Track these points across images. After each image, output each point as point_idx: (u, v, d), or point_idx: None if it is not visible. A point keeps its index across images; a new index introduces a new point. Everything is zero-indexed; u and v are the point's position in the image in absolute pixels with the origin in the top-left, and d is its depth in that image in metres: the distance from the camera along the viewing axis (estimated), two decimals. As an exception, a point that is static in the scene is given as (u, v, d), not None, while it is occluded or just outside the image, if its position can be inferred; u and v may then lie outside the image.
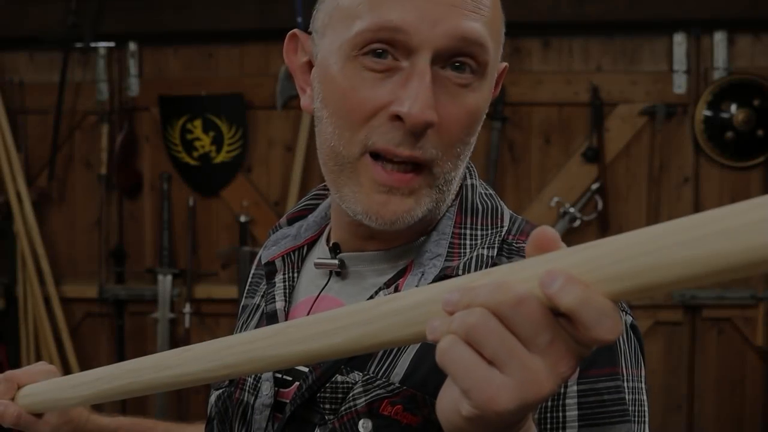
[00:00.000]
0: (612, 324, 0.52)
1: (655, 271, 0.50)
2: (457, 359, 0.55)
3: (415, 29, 0.82)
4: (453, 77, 0.84)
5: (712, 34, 3.60)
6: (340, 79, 0.86)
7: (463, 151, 0.88)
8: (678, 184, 3.66)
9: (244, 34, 3.73)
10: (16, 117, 3.90)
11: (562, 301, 0.52)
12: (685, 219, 0.49)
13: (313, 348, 0.67)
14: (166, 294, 3.82)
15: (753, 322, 3.60)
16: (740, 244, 0.46)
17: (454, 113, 0.85)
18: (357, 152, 0.86)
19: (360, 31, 0.83)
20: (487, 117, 0.94)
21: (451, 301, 0.56)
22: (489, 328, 0.54)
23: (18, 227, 3.77)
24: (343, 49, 0.86)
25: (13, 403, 1.02)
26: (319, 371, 0.89)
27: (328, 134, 0.88)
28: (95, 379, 0.90)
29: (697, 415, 3.68)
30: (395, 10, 0.82)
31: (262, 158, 3.85)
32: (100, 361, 3.98)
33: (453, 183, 0.89)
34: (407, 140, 0.83)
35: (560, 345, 0.54)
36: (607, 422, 0.80)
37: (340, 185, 0.88)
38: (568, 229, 3.64)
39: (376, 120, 0.84)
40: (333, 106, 0.87)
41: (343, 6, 0.86)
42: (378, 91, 0.84)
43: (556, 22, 3.60)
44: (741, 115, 3.58)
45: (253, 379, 0.97)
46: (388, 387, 0.85)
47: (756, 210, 0.46)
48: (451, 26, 0.82)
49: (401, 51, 0.83)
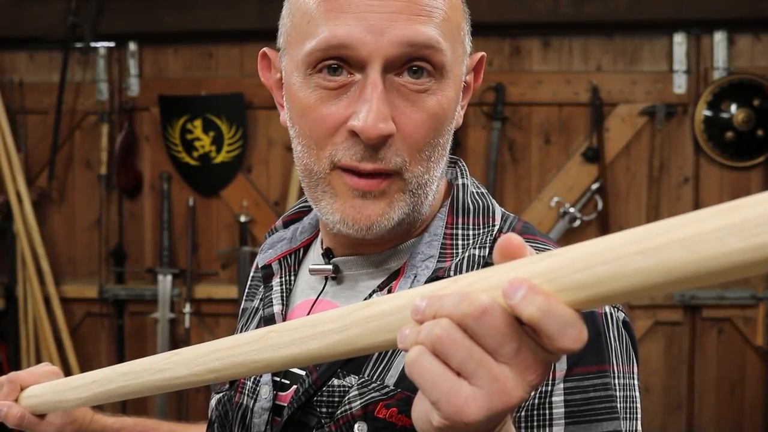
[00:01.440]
0: (576, 333, 0.52)
1: (616, 280, 0.49)
2: (424, 371, 0.55)
3: (361, 42, 0.82)
4: (410, 83, 0.84)
5: (712, 34, 3.60)
6: (300, 98, 0.87)
7: (433, 154, 0.88)
8: (678, 184, 3.66)
9: (244, 34, 3.74)
10: (16, 117, 3.90)
11: (524, 312, 0.51)
12: (646, 227, 0.49)
13: (293, 353, 0.68)
14: (166, 294, 3.82)
15: (753, 322, 3.61)
16: (697, 254, 0.45)
17: (415, 118, 0.85)
18: (326, 167, 0.87)
19: (310, 51, 0.84)
20: (487, 117, 0.94)
21: (418, 310, 0.56)
22: (455, 340, 0.54)
23: (18, 227, 3.77)
24: (299, 69, 0.87)
25: (17, 404, 1.02)
26: (315, 375, 0.89)
27: (299, 152, 0.90)
28: (91, 381, 0.91)
29: (697, 415, 3.68)
30: (341, 26, 0.83)
31: (262, 158, 3.85)
32: (101, 361, 3.99)
33: (429, 186, 0.89)
34: (368, 154, 0.84)
35: (527, 354, 0.54)
36: (593, 419, 0.80)
37: (317, 199, 0.90)
38: (568, 229, 3.64)
39: (337, 136, 0.85)
40: (298, 124, 0.89)
41: (296, 25, 0.88)
42: (335, 108, 0.85)
43: (556, 22, 3.60)
44: (741, 115, 3.58)
45: (252, 382, 0.98)
46: (383, 390, 0.85)
47: (713, 218, 0.45)
48: (398, 34, 0.82)
49: (354, 65, 0.84)
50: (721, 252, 0.45)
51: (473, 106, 3.62)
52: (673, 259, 0.46)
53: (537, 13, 3.56)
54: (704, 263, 0.45)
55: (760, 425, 3.65)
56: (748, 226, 0.44)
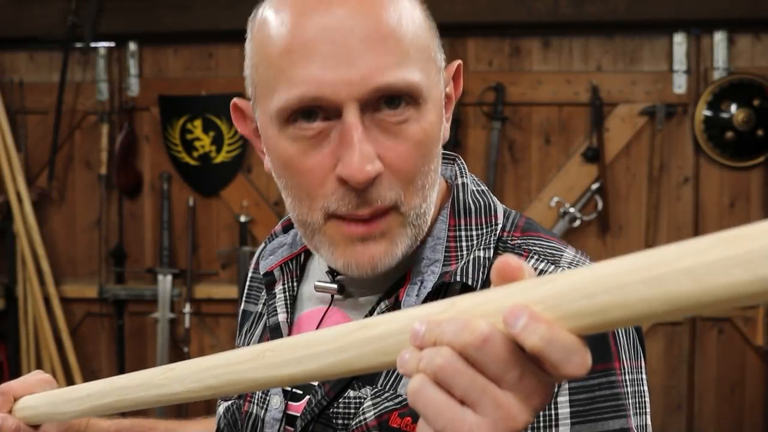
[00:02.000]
0: (580, 360, 0.51)
1: (619, 308, 0.49)
2: (428, 401, 0.54)
3: (334, 92, 0.80)
4: (389, 116, 0.82)
5: (712, 34, 3.60)
6: (280, 151, 0.85)
7: (426, 181, 0.86)
8: (678, 184, 3.66)
9: (244, 34, 3.72)
10: (16, 117, 3.90)
11: (527, 341, 0.51)
12: (649, 254, 0.48)
13: (289, 373, 0.68)
14: (166, 294, 3.82)
15: (753, 322, 3.61)
16: (702, 284, 0.45)
17: (401, 151, 0.83)
18: (321, 218, 0.85)
19: (282, 107, 0.82)
20: (487, 117, 0.94)
21: (417, 335, 0.56)
22: (457, 369, 0.53)
23: (18, 227, 3.77)
24: (273, 123, 0.84)
25: (11, 416, 1.00)
26: (327, 386, 0.89)
27: (290, 203, 0.88)
28: (87, 395, 0.91)
29: (697, 415, 3.68)
30: (309, 82, 0.80)
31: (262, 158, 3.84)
32: (101, 361, 3.99)
33: (428, 214, 0.88)
34: (362, 199, 0.82)
35: (531, 379, 0.53)
36: (599, 418, 0.80)
37: (316, 248, 0.89)
38: (568, 229, 3.64)
39: (327, 187, 0.83)
40: (283, 177, 0.87)
41: (262, 79, 0.86)
42: (319, 157, 0.83)
43: (556, 22, 3.59)
44: (741, 115, 3.58)
45: (262, 392, 0.98)
46: (396, 399, 0.85)
47: (718, 248, 0.45)
48: (369, 85, 0.80)
49: (329, 110, 0.81)
50: (727, 283, 0.44)
51: (473, 106, 3.63)
52: (677, 289, 0.46)
53: (537, 13, 3.56)
54: (709, 293, 0.45)
55: (760, 425, 3.65)
56: (755, 257, 0.43)
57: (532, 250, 0.88)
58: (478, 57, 3.69)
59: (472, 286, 0.85)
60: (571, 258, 0.87)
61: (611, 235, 3.69)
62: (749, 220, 4.00)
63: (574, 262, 0.87)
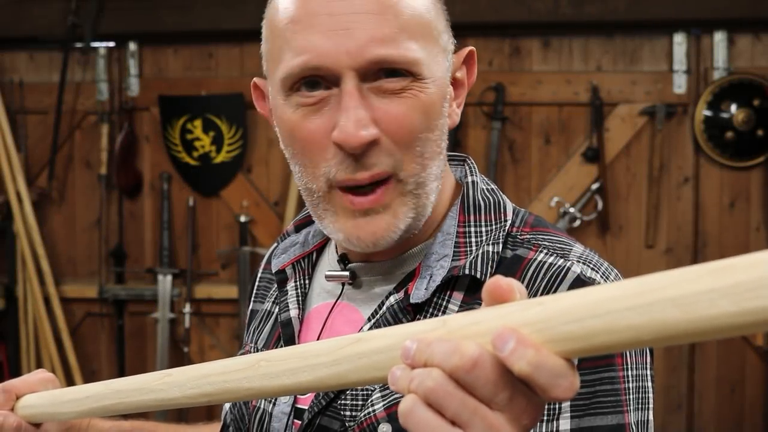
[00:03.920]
0: (568, 384, 0.52)
1: (606, 334, 0.49)
2: (419, 422, 0.55)
3: (333, 61, 0.83)
4: (387, 83, 0.85)
5: (712, 34, 3.60)
6: (285, 119, 0.89)
7: (426, 148, 0.88)
8: (678, 184, 3.66)
9: (244, 34, 3.74)
10: (16, 117, 3.90)
11: (515, 365, 0.52)
12: (638, 281, 0.49)
13: (283, 384, 0.69)
14: (166, 294, 3.82)
15: (753, 322, 3.60)
16: (688, 314, 0.46)
17: (397, 113, 0.85)
18: (324, 186, 0.87)
19: (286, 75, 0.86)
20: (487, 117, 0.94)
21: (408, 354, 0.56)
22: (447, 392, 0.54)
23: (18, 227, 3.77)
24: (280, 92, 0.88)
25: (13, 414, 1.01)
26: None
27: (297, 173, 0.91)
28: (86, 396, 0.92)
29: (697, 414, 3.68)
30: (310, 51, 0.84)
31: (262, 158, 3.85)
32: (101, 361, 3.99)
33: (428, 184, 0.89)
34: (360, 163, 0.84)
35: (521, 399, 0.54)
36: (599, 413, 0.81)
37: (320, 217, 0.91)
38: (568, 229, 3.64)
39: (328, 152, 0.86)
40: (290, 146, 0.90)
41: (272, 50, 0.90)
42: (319, 121, 0.86)
43: (556, 22, 3.60)
44: (741, 115, 3.58)
45: None
46: None
47: (706, 279, 0.45)
48: (366, 55, 0.83)
49: (329, 79, 0.85)
50: (712, 314, 0.45)
51: (473, 106, 3.63)
52: (664, 318, 0.47)
53: (537, 13, 3.56)
54: (695, 324, 0.46)
55: (760, 425, 3.65)
56: (741, 290, 0.44)
57: (541, 244, 0.90)
58: (478, 57, 3.63)
59: (480, 279, 0.87)
60: (580, 252, 0.89)
61: (611, 235, 3.69)
62: (749, 220, 4.01)
63: (583, 257, 0.88)
